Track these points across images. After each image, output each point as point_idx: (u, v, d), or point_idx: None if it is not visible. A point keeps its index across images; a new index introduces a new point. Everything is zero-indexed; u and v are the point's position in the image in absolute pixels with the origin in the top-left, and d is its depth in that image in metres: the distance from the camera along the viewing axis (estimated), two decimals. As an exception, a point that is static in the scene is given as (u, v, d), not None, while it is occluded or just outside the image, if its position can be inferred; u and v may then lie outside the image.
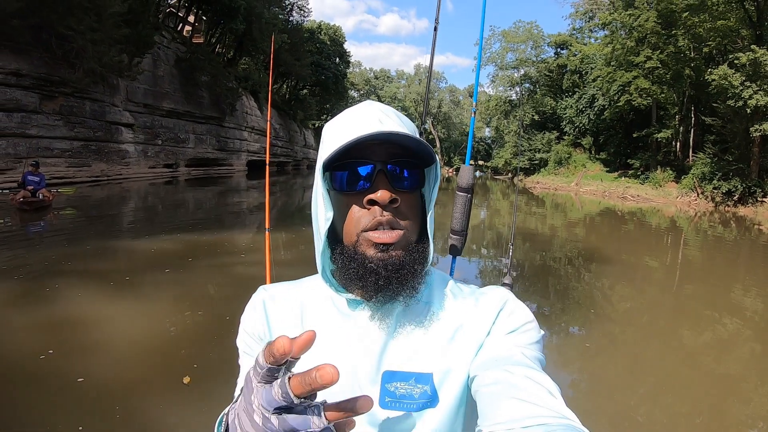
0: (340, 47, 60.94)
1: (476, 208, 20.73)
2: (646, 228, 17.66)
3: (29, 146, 17.17)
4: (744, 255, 12.58)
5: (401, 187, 0.74)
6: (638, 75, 28.19)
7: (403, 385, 0.73)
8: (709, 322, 6.36)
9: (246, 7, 30.59)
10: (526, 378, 0.62)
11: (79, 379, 3.58)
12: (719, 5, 22.87)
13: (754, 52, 20.06)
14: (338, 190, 0.75)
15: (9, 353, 4.03)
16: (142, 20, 21.11)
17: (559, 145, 42.95)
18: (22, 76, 16.73)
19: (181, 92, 28.79)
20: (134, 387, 3.54)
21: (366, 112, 0.76)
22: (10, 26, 15.54)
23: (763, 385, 4.40)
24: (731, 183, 22.94)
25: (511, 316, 0.77)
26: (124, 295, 5.73)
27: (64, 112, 18.77)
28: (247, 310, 0.84)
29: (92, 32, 16.86)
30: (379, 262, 0.71)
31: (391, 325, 0.76)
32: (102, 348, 4.22)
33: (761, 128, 20.68)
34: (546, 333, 0.98)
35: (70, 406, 3.25)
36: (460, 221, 1.55)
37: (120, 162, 22.49)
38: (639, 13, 27.22)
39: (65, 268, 6.82)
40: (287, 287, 0.87)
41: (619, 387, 4.23)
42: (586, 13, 43.17)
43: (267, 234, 2.32)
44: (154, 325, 4.88)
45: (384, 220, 0.71)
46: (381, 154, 0.73)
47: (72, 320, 4.83)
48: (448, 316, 0.79)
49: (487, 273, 8.80)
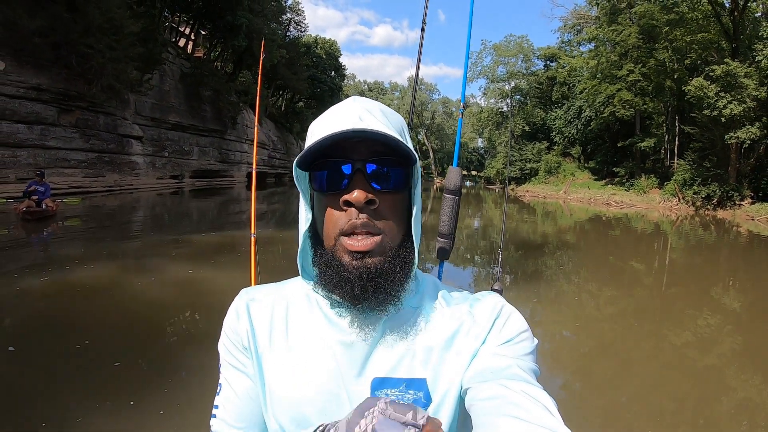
0: (336, 61, 62.61)
1: (469, 218, 21.33)
2: (632, 232, 18.46)
3: (48, 157, 18.13)
4: (725, 255, 13.34)
5: (385, 187, 0.70)
6: (621, 87, 29.70)
7: (393, 392, 0.70)
8: (693, 321, 6.58)
9: (248, 24, 31.81)
10: (523, 394, 0.60)
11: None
12: (698, 20, 24.35)
13: (727, 64, 21.49)
14: (318, 190, 0.73)
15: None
16: (153, 38, 22.28)
17: (549, 155, 44.38)
18: (42, 90, 17.66)
19: (185, 106, 29.99)
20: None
21: (347, 109, 0.72)
22: (32, 43, 16.53)
23: (744, 378, 4.59)
24: (710, 188, 24.23)
25: (506, 326, 0.74)
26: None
27: (80, 125, 19.81)
28: (230, 315, 0.80)
29: (111, 50, 17.99)
30: (353, 270, 0.68)
31: (379, 330, 0.73)
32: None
33: (735, 136, 22.05)
34: (539, 342, 1.15)
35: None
36: (447, 224, 1.52)
37: (131, 173, 23.56)
38: (622, 28, 28.73)
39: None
40: (271, 290, 0.83)
41: (609, 385, 4.38)
42: (574, 27, 44.52)
43: (253, 239, 2.33)
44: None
45: (359, 223, 0.68)
46: (362, 152, 0.70)
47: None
48: (439, 322, 0.76)
49: (476, 278, 8.75)
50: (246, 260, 2.42)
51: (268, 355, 0.76)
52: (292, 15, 50.13)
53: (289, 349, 0.75)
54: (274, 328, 0.77)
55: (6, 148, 16.46)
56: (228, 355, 0.78)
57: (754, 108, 21.81)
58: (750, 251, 14.29)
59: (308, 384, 0.72)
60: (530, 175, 45.82)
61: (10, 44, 16.06)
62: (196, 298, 6.22)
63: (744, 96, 21.26)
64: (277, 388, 0.73)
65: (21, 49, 16.41)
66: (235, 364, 0.78)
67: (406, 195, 0.75)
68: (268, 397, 0.74)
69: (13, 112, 16.62)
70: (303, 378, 0.72)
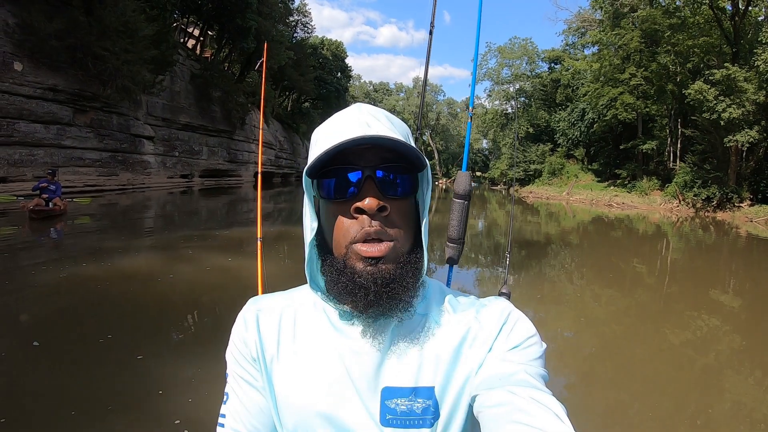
0: (342, 62, 63.27)
1: (474, 218, 21.57)
2: (634, 233, 18.69)
3: (64, 156, 18.71)
4: (724, 257, 13.58)
5: (393, 194, 0.70)
6: (624, 91, 30.06)
7: (403, 401, 0.70)
8: (693, 321, 6.71)
9: (257, 27, 32.34)
10: (531, 400, 0.61)
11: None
12: (700, 25, 24.70)
13: (727, 69, 21.85)
14: (326, 198, 0.73)
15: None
16: (165, 40, 22.87)
17: (553, 157, 44.72)
18: (58, 91, 18.18)
19: (195, 107, 30.63)
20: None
21: (353, 115, 0.72)
22: (48, 46, 17.04)
23: (742, 377, 4.71)
24: (710, 190, 24.59)
25: (514, 331, 0.74)
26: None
27: (94, 125, 20.39)
28: (238, 325, 0.80)
29: (126, 53, 18.58)
30: (368, 277, 0.68)
31: (387, 339, 0.73)
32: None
33: (734, 139, 22.39)
34: (546, 345, 1.19)
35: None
36: (457, 229, 1.52)
37: (143, 172, 24.19)
38: (624, 32, 29.11)
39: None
40: (279, 299, 0.83)
41: (610, 384, 4.46)
42: (578, 29, 44.66)
43: (259, 243, 2.23)
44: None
45: (372, 231, 0.68)
46: (370, 159, 0.70)
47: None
48: (447, 328, 0.76)
49: (484, 281, 8.90)
50: (253, 260, 2.29)
51: (276, 364, 0.76)
52: (299, 17, 50.73)
53: (299, 358, 0.75)
54: (283, 337, 0.77)
55: (24, 147, 16.96)
56: (236, 365, 0.79)
57: (754, 112, 22.13)
58: (748, 252, 14.53)
59: (319, 393, 0.72)
60: (534, 177, 46.13)
61: (27, 46, 16.57)
62: (213, 292, 6.49)
63: (743, 100, 21.59)
64: (287, 396, 0.73)
65: (38, 51, 16.89)
66: (242, 374, 0.78)
67: (414, 201, 0.76)
68: (279, 406, 0.74)
69: (30, 112, 17.11)
70: (314, 387, 0.72)
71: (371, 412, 0.70)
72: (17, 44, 16.32)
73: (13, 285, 6.23)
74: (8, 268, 7.10)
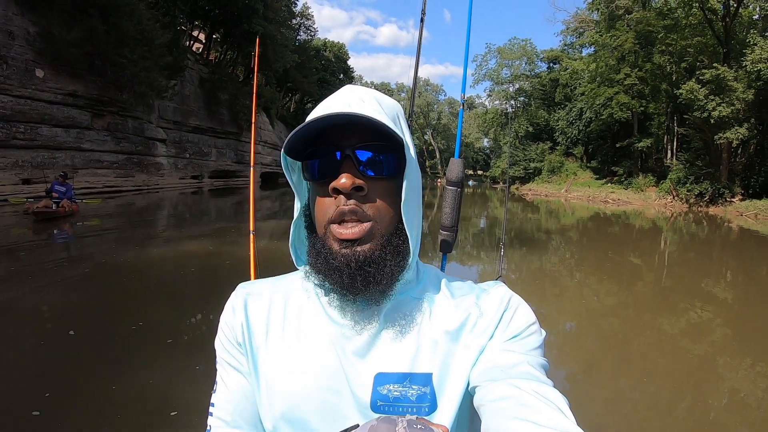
0: (344, 64, 64.38)
1: (476, 217, 21.83)
2: (630, 228, 19.08)
3: (83, 159, 19.69)
4: (716, 249, 13.92)
5: (377, 174, 0.68)
6: (619, 91, 30.86)
7: (396, 387, 0.68)
8: (688, 312, 6.79)
9: (263, 32, 33.16)
10: (534, 394, 0.59)
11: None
12: (693, 25, 25.52)
13: (716, 69, 22.68)
14: (309, 179, 0.73)
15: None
16: (177, 46, 23.84)
17: (552, 155, 45.32)
18: (77, 96, 19.09)
19: (204, 110, 31.69)
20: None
21: (339, 96, 0.71)
22: (68, 53, 17.90)
23: (735, 365, 4.81)
24: (702, 186, 25.27)
25: (514, 318, 0.72)
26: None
27: (111, 129, 21.37)
28: (226, 311, 0.78)
29: (143, 60, 19.53)
30: (342, 259, 0.66)
31: (380, 323, 0.71)
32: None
33: (725, 136, 23.18)
34: (546, 333, 0.72)
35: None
36: (450, 216, 1.49)
37: (156, 173, 25.27)
38: (619, 34, 29.93)
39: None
40: (268, 284, 0.81)
41: (609, 374, 4.51)
42: (576, 30, 45.44)
43: (251, 237, 2.31)
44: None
45: (347, 210, 0.66)
46: (352, 139, 0.68)
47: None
48: (444, 314, 0.73)
49: (479, 271, 9.03)
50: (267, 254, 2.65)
51: (264, 350, 0.74)
52: (302, 20, 51.59)
53: (288, 344, 0.73)
54: (272, 322, 0.75)
55: (46, 150, 17.88)
56: (223, 352, 0.77)
57: (743, 110, 22.88)
58: (740, 245, 14.98)
59: (308, 379, 0.70)
60: (534, 175, 46.51)
61: (48, 54, 17.43)
62: (235, 278, 7.31)
63: (732, 99, 22.34)
64: (274, 383, 0.71)
65: (58, 59, 17.77)
66: (230, 360, 0.76)
67: (400, 182, 0.71)
68: (264, 393, 0.72)
69: (51, 117, 18.01)
70: (302, 373, 0.70)
71: (362, 398, 0.68)
72: (39, 52, 17.18)
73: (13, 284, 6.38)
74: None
